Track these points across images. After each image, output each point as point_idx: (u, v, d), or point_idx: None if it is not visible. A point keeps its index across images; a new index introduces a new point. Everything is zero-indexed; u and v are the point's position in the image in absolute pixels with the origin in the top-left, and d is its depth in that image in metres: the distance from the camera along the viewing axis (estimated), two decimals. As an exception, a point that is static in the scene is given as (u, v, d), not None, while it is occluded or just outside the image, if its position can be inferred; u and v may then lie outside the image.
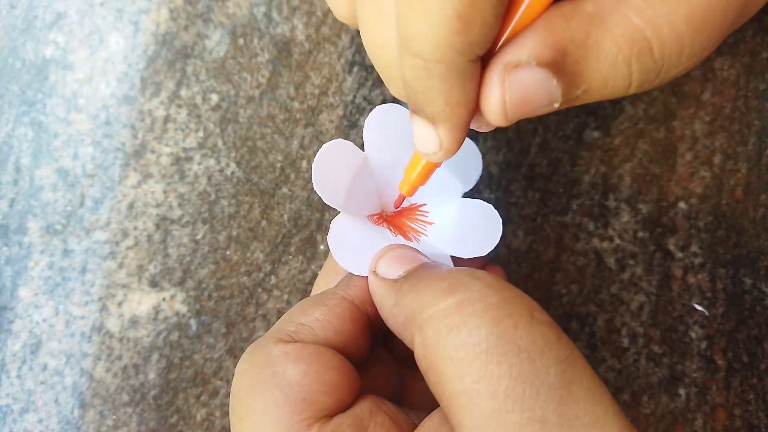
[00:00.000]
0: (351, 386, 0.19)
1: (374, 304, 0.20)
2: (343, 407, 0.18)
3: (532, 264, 0.28)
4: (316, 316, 0.20)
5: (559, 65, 0.16)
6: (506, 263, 0.28)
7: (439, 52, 0.16)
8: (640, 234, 0.28)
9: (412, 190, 0.22)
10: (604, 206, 0.28)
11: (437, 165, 0.20)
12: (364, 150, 0.23)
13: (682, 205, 0.28)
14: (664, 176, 0.28)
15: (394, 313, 0.19)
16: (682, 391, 0.27)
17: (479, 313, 0.16)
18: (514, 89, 0.16)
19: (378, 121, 0.23)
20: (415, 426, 0.18)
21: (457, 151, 0.18)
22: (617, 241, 0.28)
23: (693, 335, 0.28)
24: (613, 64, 0.16)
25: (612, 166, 0.28)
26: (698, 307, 0.28)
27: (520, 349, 0.16)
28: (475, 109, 0.18)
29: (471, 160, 0.25)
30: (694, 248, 0.28)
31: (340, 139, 0.22)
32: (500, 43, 0.17)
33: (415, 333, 0.17)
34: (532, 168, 0.28)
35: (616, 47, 0.16)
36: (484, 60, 0.17)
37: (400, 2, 0.16)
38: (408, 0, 0.15)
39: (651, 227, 0.28)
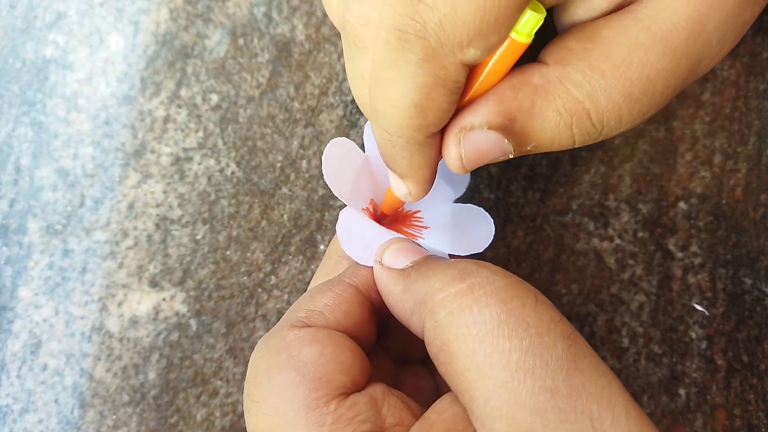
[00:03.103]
0: (364, 368, 0.19)
1: (378, 293, 0.21)
2: (358, 387, 0.19)
3: (532, 264, 0.28)
4: (325, 302, 0.20)
5: (508, 129, 0.18)
6: (506, 263, 0.28)
7: (399, 131, 0.18)
8: (640, 234, 0.28)
9: (392, 211, 0.25)
10: (604, 206, 0.28)
11: None
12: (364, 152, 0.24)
13: (682, 205, 0.28)
14: (664, 176, 0.28)
15: (402, 299, 0.20)
16: (682, 391, 0.27)
17: (489, 294, 0.17)
18: (469, 147, 0.19)
19: None
20: (422, 411, 0.18)
21: (424, 195, 0.21)
22: (617, 241, 0.28)
23: (693, 335, 0.28)
24: (556, 128, 0.19)
25: (612, 166, 0.28)
26: (698, 307, 0.28)
27: (528, 324, 0.17)
28: (437, 166, 0.20)
29: None
30: (694, 248, 0.28)
31: (345, 138, 0.23)
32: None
33: (426, 316, 0.18)
34: (532, 168, 0.28)
35: (558, 115, 0.18)
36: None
37: (370, 84, 0.18)
38: (376, 85, 0.18)
39: (651, 227, 0.28)
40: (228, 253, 0.28)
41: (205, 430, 0.28)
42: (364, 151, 0.24)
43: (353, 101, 0.28)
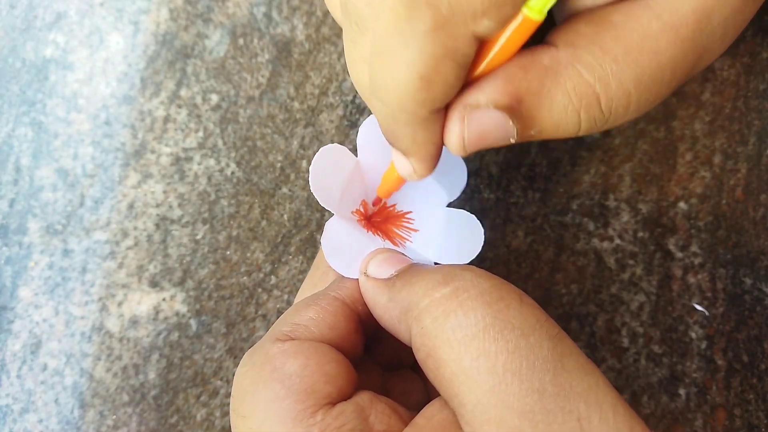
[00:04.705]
0: (350, 377, 0.19)
1: (365, 304, 0.21)
2: (344, 397, 0.19)
3: (532, 264, 0.28)
4: (310, 315, 0.20)
5: (515, 110, 0.18)
6: (506, 263, 0.28)
7: (402, 104, 0.17)
8: (640, 234, 0.28)
9: (388, 194, 0.24)
10: (604, 206, 0.28)
11: None
12: (356, 155, 0.24)
13: (682, 205, 0.28)
14: (664, 176, 0.28)
15: (388, 308, 0.19)
16: (682, 391, 0.27)
17: (474, 297, 0.17)
18: (472, 127, 0.18)
19: (370, 129, 0.24)
20: (411, 417, 0.18)
21: (430, 173, 0.20)
22: (617, 241, 0.28)
23: (693, 335, 0.28)
24: (563, 112, 0.18)
25: (612, 166, 0.28)
26: (698, 307, 0.28)
27: (513, 326, 0.17)
28: (442, 143, 0.19)
29: (457, 172, 0.26)
30: (694, 248, 0.28)
31: (335, 144, 0.23)
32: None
33: (412, 323, 0.18)
34: (532, 168, 0.28)
35: (567, 98, 0.18)
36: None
37: (372, 57, 0.17)
38: (379, 57, 0.17)
39: (651, 227, 0.28)
40: (228, 253, 0.28)
41: (205, 430, 0.28)
42: (357, 154, 0.24)
43: (353, 101, 0.28)
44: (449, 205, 0.25)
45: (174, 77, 0.28)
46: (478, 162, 0.28)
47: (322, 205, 0.22)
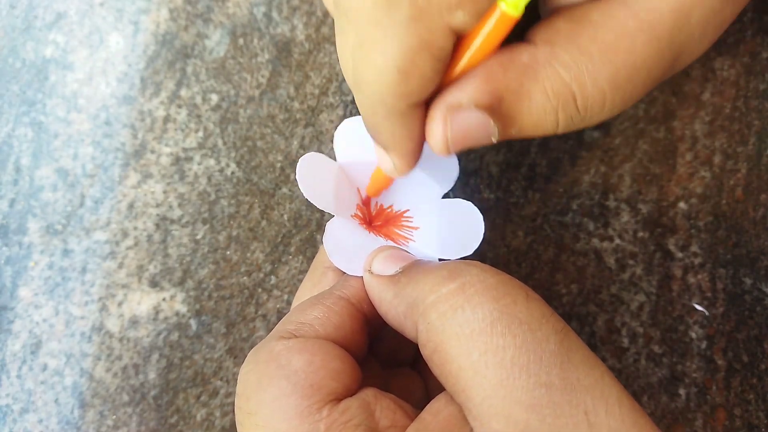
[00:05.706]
0: (355, 374, 0.19)
1: (370, 303, 0.21)
2: (349, 393, 0.19)
3: (532, 264, 0.28)
4: (315, 314, 0.20)
5: (495, 109, 0.18)
6: (506, 263, 0.28)
7: (381, 96, 0.18)
8: (640, 234, 0.28)
9: (377, 193, 0.24)
10: (604, 206, 0.28)
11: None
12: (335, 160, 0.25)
13: (682, 205, 0.28)
14: (664, 176, 0.28)
15: (394, 305, 0.19)
16: (682, 391, 0.27)
17: (480, 292, 0.17)
18: (456, 127, 0.18)
19: (346, 133, 0.25)
20: (416, 413, 0.18)
21: (410, 170, 0.20)
22: (617, 241, 0.28)
23: (693, 335, 0.28)
24: (542, 111, 0.18)
25: (612, 166, 0.28)
26: (698, 307, 0.28)
27: (521, 321, 0.17)
28: (423, 139, 0.19)
29: (448, 163, 0.25)
30: (694, 248, 0.28)
31: (312, 152, 0.24)
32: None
33: (419, 319, 0.18)
34: (532, 168, 0.28)
35: (545, 98, 0.18)
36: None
37: (354, 49, 0.18)
38: (359, 49, 0.17)
39: (651, 227, 0.28)
40: (228, 253, 0.28)
41: (205, 430, 0.28)
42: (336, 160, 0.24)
43: (353, 101, 0.29)
44: (445, 197, 0.25)
45: (174, 77, 0.28)
46: (478, 162, 0.28)
47: (320, 208, 0.22)
